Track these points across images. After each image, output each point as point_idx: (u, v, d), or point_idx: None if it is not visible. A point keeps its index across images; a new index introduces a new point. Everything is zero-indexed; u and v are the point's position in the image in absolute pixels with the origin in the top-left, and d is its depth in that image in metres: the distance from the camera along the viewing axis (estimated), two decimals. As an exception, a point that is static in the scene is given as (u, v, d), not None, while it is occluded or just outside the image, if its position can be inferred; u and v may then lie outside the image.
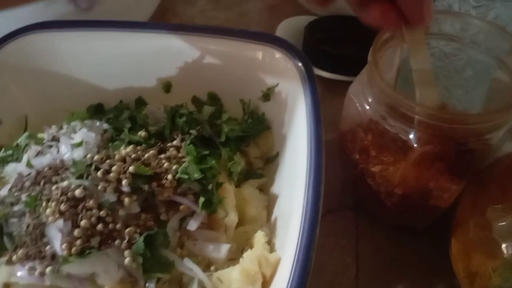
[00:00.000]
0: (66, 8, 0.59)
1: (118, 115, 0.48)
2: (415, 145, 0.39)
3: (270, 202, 0.45)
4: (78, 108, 0.55)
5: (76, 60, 0.55)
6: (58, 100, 0.55)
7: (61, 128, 0.46)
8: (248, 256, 0.37)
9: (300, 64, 0.46)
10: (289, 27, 0.64)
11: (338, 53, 0.60)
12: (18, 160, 0.45)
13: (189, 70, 0.55)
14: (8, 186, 0.41)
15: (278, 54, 0.48)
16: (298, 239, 0.35)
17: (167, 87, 0.55)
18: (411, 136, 0.40)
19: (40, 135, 0.48)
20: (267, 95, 0.50)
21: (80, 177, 0.37)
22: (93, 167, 0.38)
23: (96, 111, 0.54)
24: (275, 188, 0.46)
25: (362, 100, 0.44)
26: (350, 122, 0.47)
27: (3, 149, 0.48)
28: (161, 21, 0.73)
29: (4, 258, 0.37)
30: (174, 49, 0.54)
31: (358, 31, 0.53)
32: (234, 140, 0.47)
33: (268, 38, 0.49)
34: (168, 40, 0.54)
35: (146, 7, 0.71)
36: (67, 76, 0.56)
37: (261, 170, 0.49)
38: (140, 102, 0.55)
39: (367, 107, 0.43)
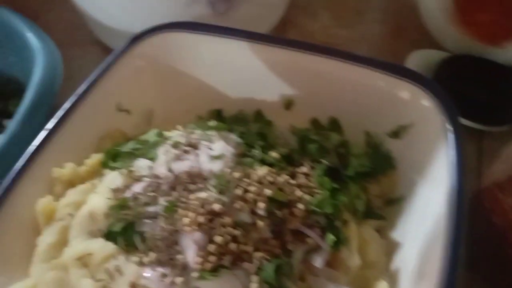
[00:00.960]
0: (203, 10, 0.60)
1: (246, 130, 0.47)
2: None
3: (389, 248, 0.44)
4: (197, 110, 0.56)
5: (204, 63, 0.56)
6: (181, 99, 0.56)
7: (192, 133, 0.46)
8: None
9: (445, 110, 0.44)
10: (420, 59, 0.62)
11: (474, 98, 0.57)
12: (146, 155, 0.46)
13: (312, 91, 0.54)
14: (141, 184, 0.42)
15: (420, 94, 0.46)
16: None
17: (288, 104, 0.55)
18: None
19: (167, 133, 0.49)
20: (398, 133, 0.48)
21: (221, 191, 0.37)
22: (232, 183, 0.38)
23: (217, 116, 0.55)
24: (397, 235, 0.44)
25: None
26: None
27: (131, 142, 0.49)
28: (280, 32, 0.72)
29: (135, 258, 0.38)
30: (301, 67, 0.53)
31: (495, 75, 0.50)
32: (360, 175, 0.45)
33: (412, 75, 0.47)
34: (297, 57, 0.53)
35: (270, 17, 0.71)
36: (194, 77, 0.57)
37: (379, 210, 0.47)
38: (260, 116, 0.55)
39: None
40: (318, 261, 0.38)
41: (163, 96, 0.56)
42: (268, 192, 0.38)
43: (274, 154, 0.43)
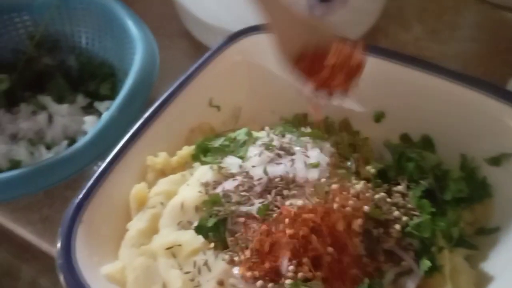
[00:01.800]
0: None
1: (340, 140, 0.47)
2: None
3: (479, 280, 0.42)
4: (283, 112, 0.56)
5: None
6: (268, 100, 0.56)
7: (283, 136, 0.46)
8: None
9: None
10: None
11: None
12: (235, 153, 0.47)
13: (406, 106, 0.52)
14: (233, 182, 0.42)
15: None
16: None
17: (379, 116, 0.53)
18: None
19: (255, 133, 0.50)
20: (499, 160, 0.46)
21: (318, 202, 0.37)
22: (330, 194, 0.37)
23: (302, 121, 0.54)
24: (489, 267, 0.42)
25: None
26: None
27: (220, 138, 0.50)
28: (371, 41, 0.70)
29: (225, 255, 0.38)
30: (397, 79, 0.52)
31: None
32: (457, 200, 0.43)
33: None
34: (393, 69, 0.52)
35: (362, 24, 0.70)
36: (282, 80, 0.57)
37: (470, 238, 0.45)
38: (347, 125, 0.54)
39: None
40: (410, 285, 0.37)
41: (252, 96, 0.56)
42: (366, 208, 0.37)
43: (370, 169, 0.42)
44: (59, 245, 0.40)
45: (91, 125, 0.61)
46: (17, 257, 0.69)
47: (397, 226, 0.37)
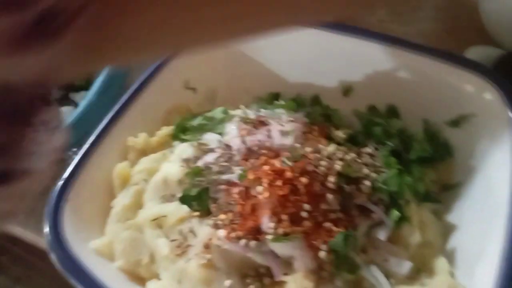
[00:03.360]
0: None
1: (312, 110, 0.49)
2: None
3: (444, 230, 0.45)
4: (256, 92, 0.58)
5: (266, 47, 0.58)
6: (242, 81, 0.59)
7: (258, 111, 0.49)
8: (438, 282, 0.37)
9: (509, 102, 0.45)
10: (477, 55, 0.62)
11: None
12: (213, 130, 0.49)
13: (371, 79, 0.55)
14: (213, 155, 0.44)
15: (484, 86, 0.47)
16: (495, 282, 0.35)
17: (347, 90, 0.56)
18: None
19: (231, 112, 0.52)
20: (458, 122, 0.49)
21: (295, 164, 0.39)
22: (304, 157, 0.40)
23: (275, 99, 0.57)
24: (453, 218, 0.46)
25: None
26: None
27: (198, 118, 0.52)
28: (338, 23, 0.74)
29: (209, 221, 0.40)
30: (361, 54, 0.55)
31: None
32: (421, 160, 0.47)
33: (478, 68, 0.48)
34: (358, 45, 0.55)
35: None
36: (255, 60, 0.59)
37: (435, 194, 0.48)
38: (317, 100, 0.57)
39: None
40: (382, 235, 0.39)
41: (227, 77, 0.59)
42: (338, 167, 0.40)
43: (340, 134, 0.45)
44: (47, 223, 0.41)
45: (68, 115, 0.62)
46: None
47: (367, 182, 0.40)
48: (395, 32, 0.73)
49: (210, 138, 0.47)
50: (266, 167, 0.40)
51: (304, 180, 0.39)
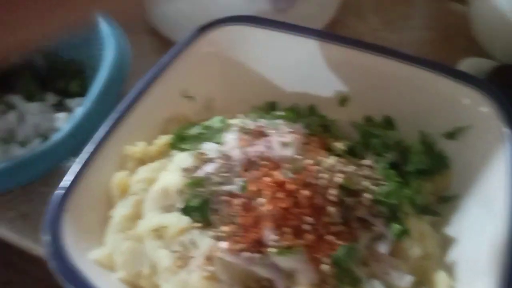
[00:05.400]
0: (264, 6, 0.63)
1: (311, 121, 0.50)
2: None
3: (443, 242, 0.46)
4: (253, 101, 0.59)
5: (263, 57, 0.59)
6: (239, 90, 0.59)
7: (257, 120, 0.49)
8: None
9: (504, 115, 0.46)
10: (471, 67, 0.64)
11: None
12: (212, 140, 0.49)
13: (368, 89, 0.56)
14: (213, 165, 0.44)
15: (480, 99, 0.48)
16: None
17: (343, 100, 0.57)
18: None
19: (230, 121, 0.52)
20: (454, 134, 0.50)
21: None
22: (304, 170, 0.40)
23: (271, 108, 0.57)
24: (451, 230, 0.46)
25: None
26: None
27: (196, 127, 0.52)
28: (331, 32, 0.74)
29: (210, 232, 0.40)
30: (358, 65, 0.55)
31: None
32: (419, 172, 0.47)
33: (473, 81, 0.49)
34: (354, 56, 0.55)
35: (323, 17, 0.74)
36: (252, 69, 0.60)
37: (433, 207, 0.49)
38: (313, 110, 0.57)
39: None
40: (383, 248, 0.40)
41: (224, 86, 0.59)
42: (339, 180, 0.40)
43: (341, 146, 0.45)
44: (46, 232, 0.41)
45: (63, 121, 0.61)
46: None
47: (368, 195, 0.41)
48: (388, 40, 0.75)
49: (209, 148, 0.47)
50: (267, 179, 0.40)
51: (306, 192, 0.39)
